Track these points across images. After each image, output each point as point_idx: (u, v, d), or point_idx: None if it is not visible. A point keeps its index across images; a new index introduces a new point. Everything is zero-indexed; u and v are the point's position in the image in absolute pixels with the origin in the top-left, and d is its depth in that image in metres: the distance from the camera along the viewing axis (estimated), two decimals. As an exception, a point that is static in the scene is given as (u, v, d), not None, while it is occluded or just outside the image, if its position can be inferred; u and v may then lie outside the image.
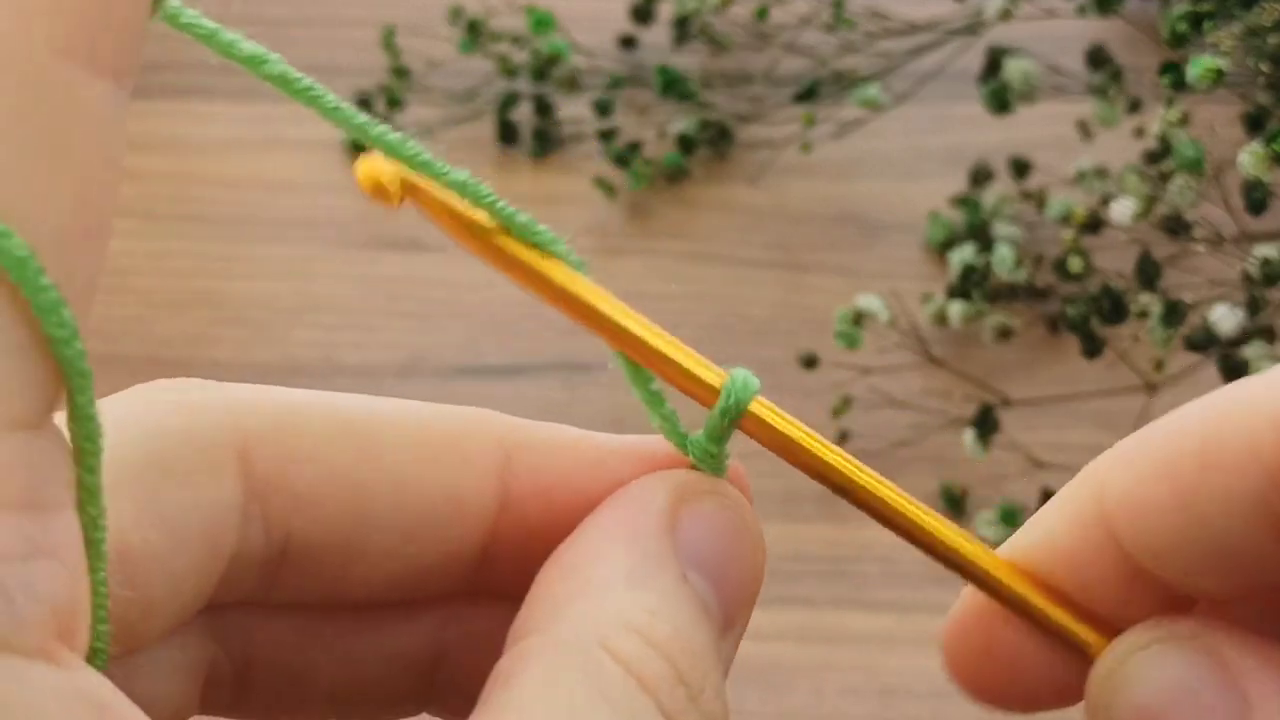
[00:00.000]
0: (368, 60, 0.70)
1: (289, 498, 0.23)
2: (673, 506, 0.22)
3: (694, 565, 0.22)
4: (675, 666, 0.20)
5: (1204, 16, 0.50)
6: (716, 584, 0.22)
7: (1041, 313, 0.60)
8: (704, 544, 0.22)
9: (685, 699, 0.20)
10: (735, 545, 0.23)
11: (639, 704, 0.19)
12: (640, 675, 0.20)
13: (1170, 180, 0.52)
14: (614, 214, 0.65)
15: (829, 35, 0.68)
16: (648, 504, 0.22)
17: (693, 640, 0.21)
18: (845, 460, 0.23)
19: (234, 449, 0.22)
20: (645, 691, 0.20)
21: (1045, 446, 0.55)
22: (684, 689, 0.20)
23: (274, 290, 0.62)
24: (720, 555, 0.22)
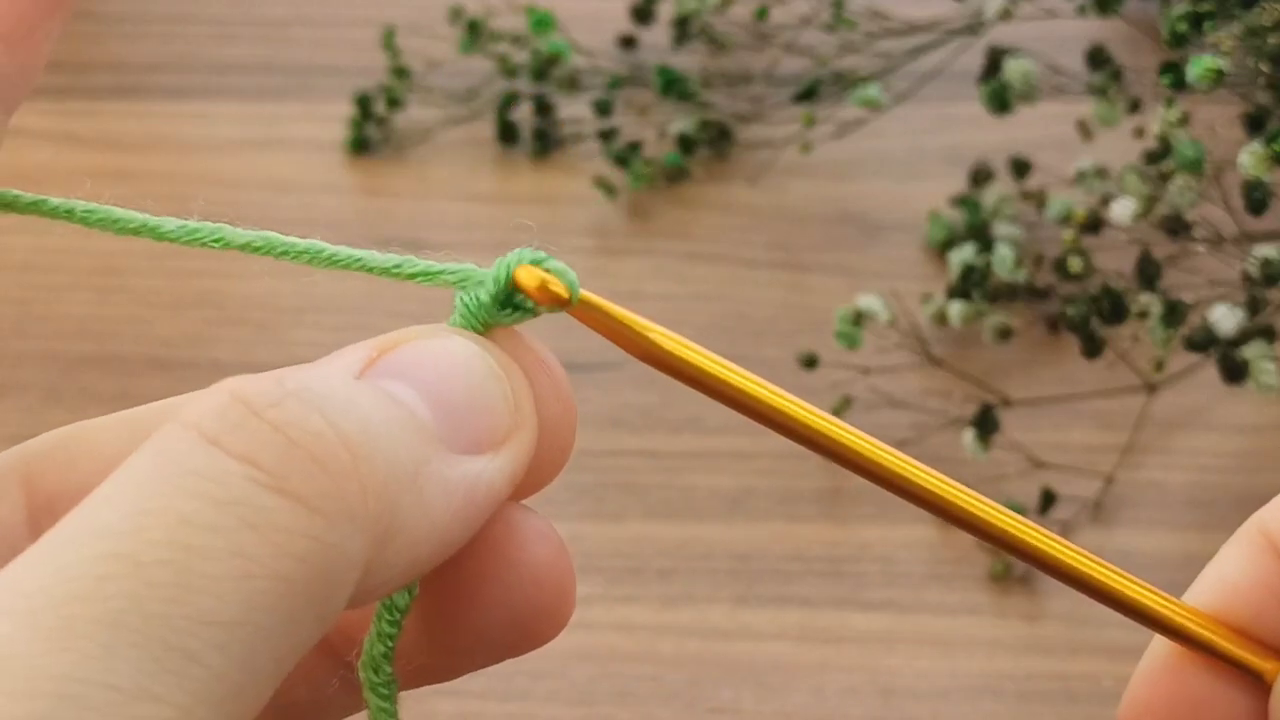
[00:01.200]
0: (368, 60, 0.70)
1: (76, 497, 0.23)
2: (369, 352, 0.20)
3: (388, 375, 0.20)
4: (231, 391, 0.18)
5: (1204, 16, 0.50)
6: (420, 387, 0.20)
7: (1041, 313, 0.60)
8: (404, 359, 0.20)
9: (242, 413, 0.18)
10: (447, 360, 0.21)
11: (178, 435, 0.18)
12: (186, 419, 0.18)
13: (1170, 180, 0.52)
14: (614, 214, 0.65)
15: (829, 35, 0.68)
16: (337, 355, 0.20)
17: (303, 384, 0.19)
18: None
19: (17, 475, 0.23)
20: (187, 429, 0.18)
21: (1045, 446, 0.55)
22: (241, 406, 0.18)
23: (274, 290, 0.62)
24: (425, 367, 0.20)
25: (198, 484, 0.17)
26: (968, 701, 0.50)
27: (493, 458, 0.20)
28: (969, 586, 0.53)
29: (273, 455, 0.18)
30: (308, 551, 0.17)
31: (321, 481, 0.18)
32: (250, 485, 0.17)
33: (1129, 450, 0.55)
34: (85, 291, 0.62)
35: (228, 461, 0.17)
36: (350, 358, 0.20)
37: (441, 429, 0.20)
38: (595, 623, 0.51)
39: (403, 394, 0.20)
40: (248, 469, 0.17)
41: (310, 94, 0.71)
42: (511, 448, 0.20)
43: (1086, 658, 0.51)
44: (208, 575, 0.16)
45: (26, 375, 0.60)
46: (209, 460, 0.17)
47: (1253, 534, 0.23)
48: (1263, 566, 0.23)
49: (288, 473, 0.17)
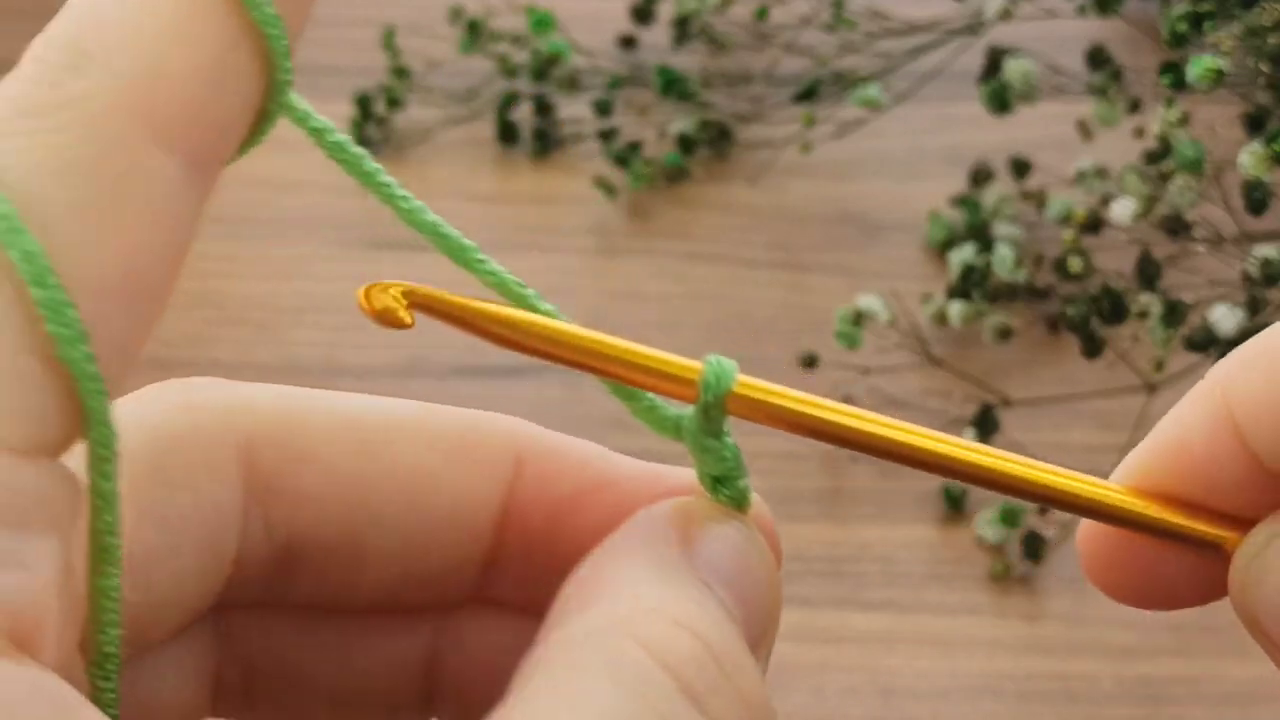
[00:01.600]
0: (368, 60, 0.70)
1: (291, 498, 0.22)
2: (688, 526, 0.21)
3: (713, 577, 0.21)
4: (706, 644, 0.19)
5: (1204, 16, 0.50)
6: (737, 596, 0.21)
7: (1041, 313, 0.60)
8: (721, 559, 0.21)
9: (718, 675, 0.19)
10: (752, 563, 0.21)
11: (661, 683, 0.18)
12: (665, 656, 0.19)
13: (1170, 180, 0.52)
14: (614, 214, 0.65)
15: (829, 35, 0.68)
16: (662, 523, 0.21)
17: (724, 632, 0.20)
18: (849, 412, 0.23)
19: (235, 450, 0.22)
20: (668, 671, 0.19)
21: (1045, 446, 0.55)
22: (716, 666, 0.19)
23: (275, 290, 0.62)
24: (739, 570, 0.21)
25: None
26: (968, 701, 0.50)
27: (763, 651, 0.21)
28: (969, 586, 0.53)
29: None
30: None
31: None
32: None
33: (1129, 450, 0.55)
34: (85, 291, 0.62)
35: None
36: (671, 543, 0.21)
37: (747, 636, 0.21)
38: (595, 623, 0.51)
39: (731, 607, 0.21)
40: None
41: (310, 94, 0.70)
42: (767, 652, 0.22)
43: (1086, 658, 0.51)
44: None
45: (26, 375, 0.59)
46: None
47: (1213, 396, 0.23)
48: (1220, 435, 0.23)
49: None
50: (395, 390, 0.58)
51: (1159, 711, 0.49)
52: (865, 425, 0.23)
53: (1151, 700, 0.49)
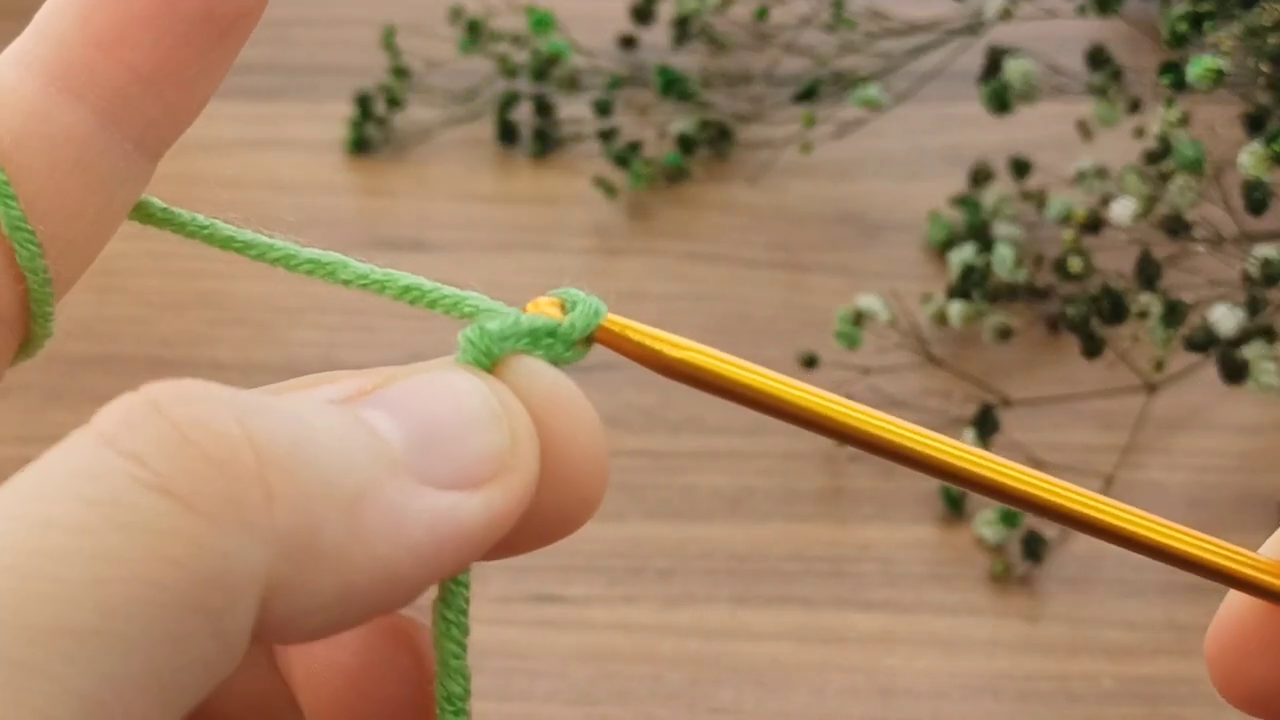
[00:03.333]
0: (368, 60, 0.70)
1: None
2: (370, 383, 0.19)
3: (371, 404, 0.19)
4: (149, 394, 0.17)
5: (1204, 16, 0.50)
6: (396, 412, 0.18)
7: (1041, 313, 0.60)
8: (392, 391, 0.19)
9: (146, 412, 0.17)
10: (434, 388, 0.19)
11: (75, 439, 0.17)
12: (94, 423, 0.17)
13: (1170, 180, 0.52)
14: (614, 214, 0.65)
15: (829, 35, 0.68)
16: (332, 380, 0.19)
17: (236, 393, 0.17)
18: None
19: None
20: (88, 429, 0.17)
21: (1045, 446, 0.55)
22: (149, 405, 0.17)
23: (274, 290, 0.62)
24: (408, 395, 0.19)
25: (72, 484, 0.16)
26: (968, 701, 0.50)
27: (470, 495, 0.18)
28: (969, 586, 0.53)
29: (161, 453, 0.16)
30: (186, 556, 0.16)
31: (213, 484, 0.16)
32: (129, 483, 0.16)
33: (1129, 450, 0.55)
34: (85, 291, 0.62)
35: (113, 460, 0.16)
36: (336, 386, 0.19)
37: (412, 459, 0.18)
38: (595, 623, 0.51)
39: (377, 421, 0.18)
40: (131, 466, 0.16)
41: (310, 94, 0.71)
42: (496, 488, 0.19)
43: (1086, 658, 0.51)
44: (59, 580, 0.15)
45: (26, 375, 0.60)
46: (94, 459, 0.16)
47: None
48: None
49: (174, 471, 0.16)
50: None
51: (1159, 711, 0.49)
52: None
53: (1151, 700, 0.49)
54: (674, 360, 0.21)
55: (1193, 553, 0.23)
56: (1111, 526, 0.22)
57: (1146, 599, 0.51)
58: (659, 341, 0.21)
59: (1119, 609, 0.52)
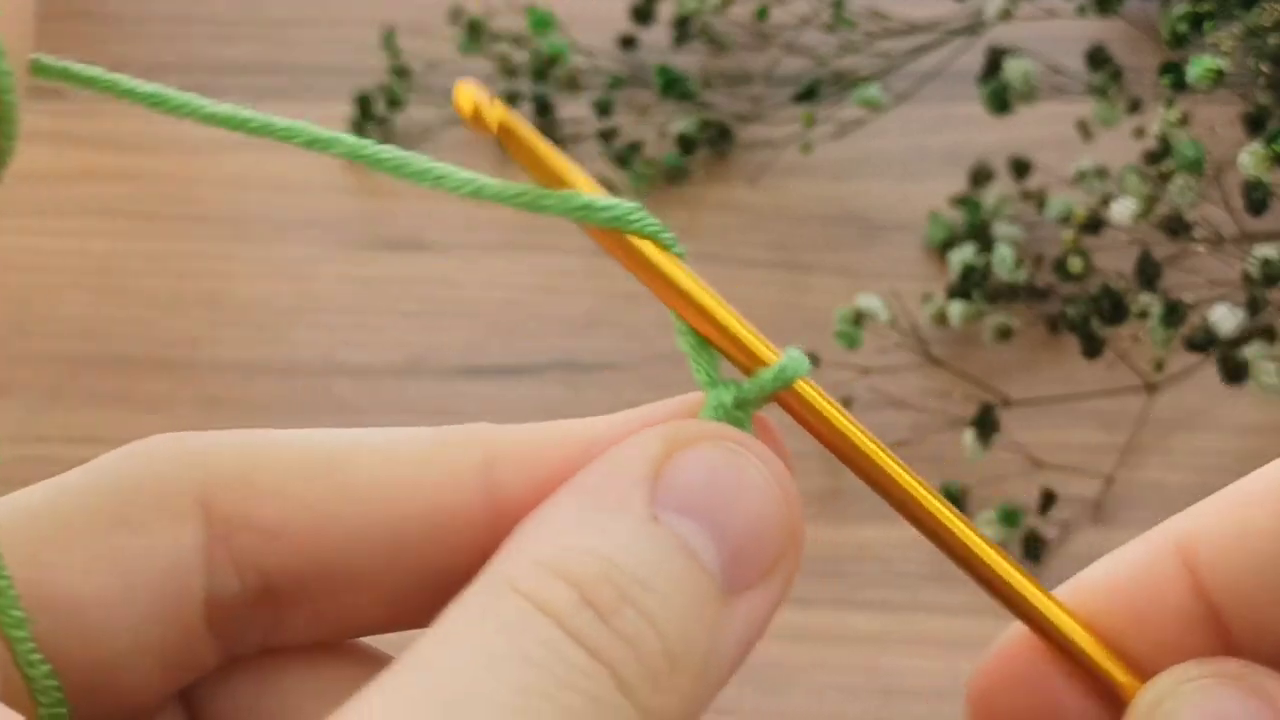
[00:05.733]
0: (368, 60, 0.70)
1: (255, 536, 0.22)
2: (659, 453, 0.20)
3: (678, 509, 0.20)
4: (580, 589, 0.19)
5: (1204, 16, 0.50)
6: (712, 528, 0.20)
7: (1041, 313, 0.60)
8: (694, 486, 0.20)
9: (591, 619, 0.18)
10: (736, 487, 0.20)
11: (536, 624, 0.18)
12: (540, 602, 0.18)
13: (1170, 180, 0.52)
14: (614, 214, 0.65)
15: (829, 35, 0.68)
16: (624, 452, 0.21)
17: (633, 567, 0.19)
18: (882, 450, 0.23)
19: (193, 494, 0.22)
20: (546, 613, 0.18)
21: (1045, 446, 0.55)
22: (590, 611, 0.18)
23: (274, 290, 0.62)
24: (715, 497, 0.20)
25: (574, 678, 0.18)
26: (968, 701, 0.50)
27: (766, 587, 0.20)
28: (968, 586, 0.52)
29: (628, 669, 0.18)
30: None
31: (658, 699, 0.19)
32: (612, 689, 0.18)
33: (1129, 450, 0.55)
34: (85, 291, 0.62)
35: (597, 665, 0.18)
36: (637, 474, 0.20)
37: (728, 571, 0.20)
38: (595, 623, 0.51)
39: (696, 539, 0.20)
40: (610, 675, 0.18)
41: (310, 94, 0.71)
42: (783, 571, 0.21)
43: (1086, 658, 0.51)
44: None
45: (26, 375, 0.60)
46: (579, 658, 0.18)
47: (1163, 541, 0.23)
48: (1159, 576, 0.22)
49: (635, 685, 0.19)
50: (395, 390, 0.58)
51: (1159, 711, 0.49)
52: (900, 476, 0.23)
53: (1151, 700, 0.49)
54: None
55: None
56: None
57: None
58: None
59: (1119, 609, 0.52)
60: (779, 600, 0.21)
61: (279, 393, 0.58)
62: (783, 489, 0.21)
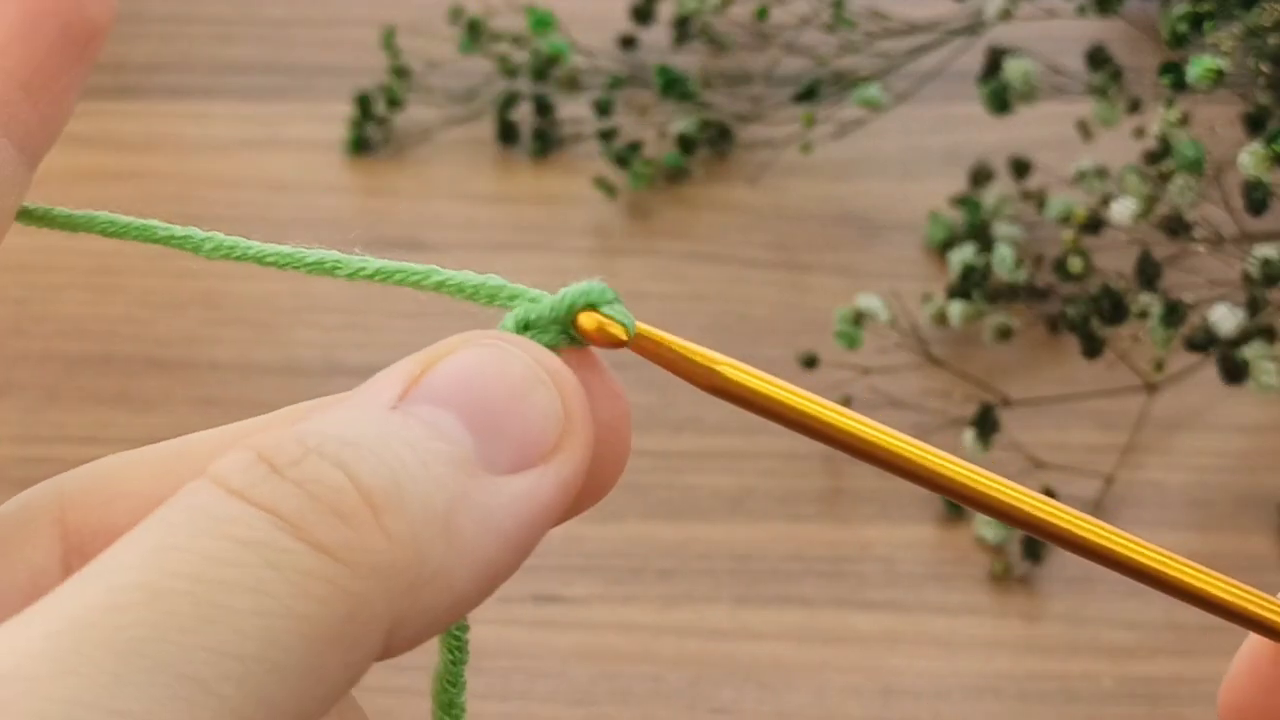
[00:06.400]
0: (368, 60, 0.70)
1: (110, 536, 0.23)
2: (413, 369, 0.20)
3: (424, 400, 0.19)
4: (256, 450, 0.18)
5: (1204, 16, 0.50)
6: (460, 409, 0.19)
7: (1041, 313, 0.60)
8: (445, 381, 0.20)
9: (265, 470, 0.18)
10: (495, 375, 0.20)
11: (199, 490, 0.18)
12: (212, 475, 0.18)
13: (1170, 180, 0.52)
14: (614, 214, 0.65)
15: (829, 35, 0.68)
16: (381, 376, 0.20)
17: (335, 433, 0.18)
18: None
19: (51, 514, 0.23)
20: (213, 483, 0.18)
21: (1045, 446, 0.55)
22: (262, 466, 0.18)
23: (274, 290, 0.62)
24: (467, 385, 0.19)
25: (221, 526, 0.17)
26: (968, 701, 0.50)
27: (543, 471, 0.19)
28: (969, 586, 0.53)
29: (295, 507, 0.18)
30: (329, 595, 0.17)
31: (344, 533, 0.18)
32: (273, 530, 0.17)
33: (1129, 450, 0.55)
34: (84, 291, 0.62)
35: (251, 509, 0.18)
36: (388, 383, 0.20)
37: (484, 450, 0.19)
38: (595, 623, 0.51)
39: (440, 419, 0.19)
40: (272, 518, 0.17)
41: (310, 94, 0.71)
42: (564, 457, 0.20)
43: (1086, 658, 0.51)
44: (227, 608, 0.16)
45: (25, 375, 0.60)
46: (233, 507, 0.18)
47: None
48: None
49: (310, 523, 0.17)
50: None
51: (1159, 711, 0.49)
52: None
53: (1151, 700, 0.49)
54: (729, 382, 0.22)
55: (1196, 585, 0.23)
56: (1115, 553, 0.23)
57: (1146, 599, 0.51)
58: (702, 358, 0.22)
59: (1119, 609, 0.52)
60: (568, 486, 0.19)
61: (278, 393, 0.58)
62: (556, 377, 0.20)
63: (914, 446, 0.22)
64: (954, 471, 0.22)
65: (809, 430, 0.22)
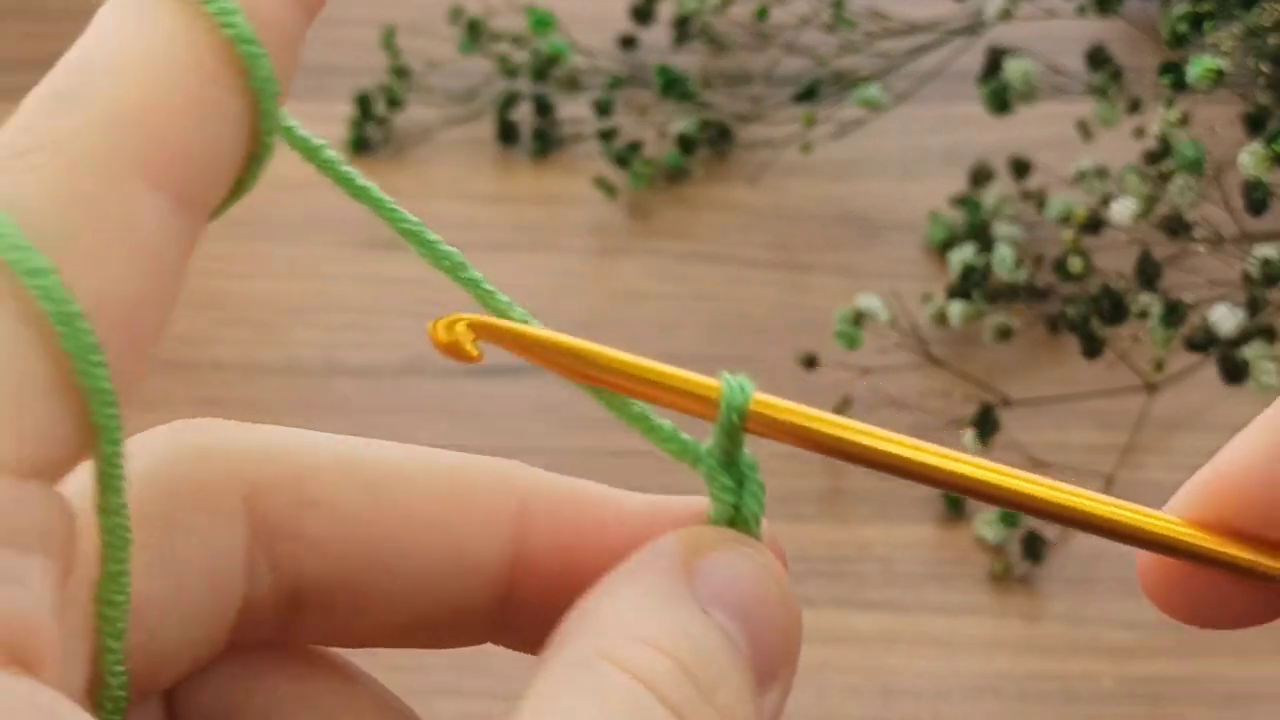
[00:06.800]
0: (368, 60, 0.70)
1: (297, 543, 0.23)
2: (691, 551, 0.22)
3: (716, 604, 0.21)
4: (682, 665, 0.20)
5: (1204, 16, 0.50)
6: (744, 623, 0.21)
7: (1041, 313, 0.60)
8: (727, 586, 0.21)
9: (696, 696, 0.19)
10: (762, 589, 0.22)
11: (640, 700, 0.19)
12: (642, 676, 0.19)
13: (1170, 180, 0.52)
14: (614, 214, 0.65)
15: (829, 35, 0.68)
16: (667, 552, 0.22)
17: (710, 654, 0.20)
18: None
19: (240, 496, 0.23)
20: (647, 688, 0.19)
21: (1045, 446, 0.55)
22: (693, 687, 0.19)
23: (275, 290, 0.62)
24: (746, 597, 0.21)
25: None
26: (968, 701, 0.50)
27: (780, 687, 0.22)
28: (969, 586, 0.53)
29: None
30: None
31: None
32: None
33: (1129, 450, 0.55)
34: (85, 291, 0.62)
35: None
36: (670, 570, 0.21)
37: (757, 669, 0.21)
38: (595, 623, 0.51)
39: (735, 633, 0.21)
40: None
41: (310, 94, 0.71)
42: (789, 672, 0.22)
43: (1086, 658, 0.51)
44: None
45: (26, 375, 0.59)
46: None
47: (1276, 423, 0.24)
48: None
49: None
50: (395, 389, 0.58)
51: (1159, 711, 0.49)
52: (882, 444, 0.23)
53: (1151, 700, 0.49)
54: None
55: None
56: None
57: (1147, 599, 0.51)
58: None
59: (1119, 609, 0.52)
60: (785, 700, 0.22)
61: (279, 392, 0.58)
62: (789, 594, 0.22)
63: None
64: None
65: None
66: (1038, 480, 0.23)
